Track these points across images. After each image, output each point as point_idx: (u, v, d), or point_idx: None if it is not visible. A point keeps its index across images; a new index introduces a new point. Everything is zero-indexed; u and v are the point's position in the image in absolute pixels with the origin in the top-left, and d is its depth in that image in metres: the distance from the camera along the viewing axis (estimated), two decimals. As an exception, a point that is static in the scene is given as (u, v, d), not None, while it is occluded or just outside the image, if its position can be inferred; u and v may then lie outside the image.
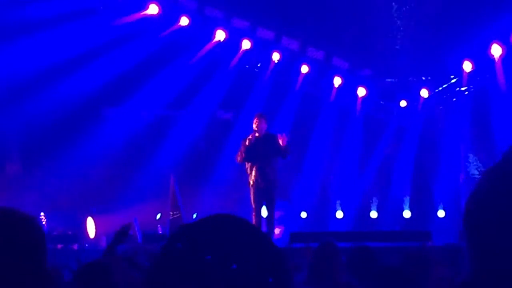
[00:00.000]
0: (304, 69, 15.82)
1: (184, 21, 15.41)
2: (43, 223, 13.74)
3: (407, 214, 15.87)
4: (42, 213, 13.84)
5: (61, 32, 14.83)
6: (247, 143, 11.78)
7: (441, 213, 15.61)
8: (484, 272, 1.65)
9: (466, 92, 15.50)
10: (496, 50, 14.85)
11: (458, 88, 15.63)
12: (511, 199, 1.64)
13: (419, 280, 5.05)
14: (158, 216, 14.67)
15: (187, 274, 1.72)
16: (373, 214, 16.11)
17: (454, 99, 15.76)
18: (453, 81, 15.62)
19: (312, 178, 16.06)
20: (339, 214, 16.11)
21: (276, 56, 15.72)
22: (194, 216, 14.65)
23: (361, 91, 15.99)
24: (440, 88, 15.81)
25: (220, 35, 15.51)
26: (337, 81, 15.89)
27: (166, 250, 1.80)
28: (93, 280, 4.76)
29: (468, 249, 1.69)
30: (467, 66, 15.19)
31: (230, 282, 1.71)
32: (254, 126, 11.90)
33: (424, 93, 15.82)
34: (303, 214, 16.01)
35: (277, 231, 13.23)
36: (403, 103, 16.08)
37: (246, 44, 15.62)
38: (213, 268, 1.71)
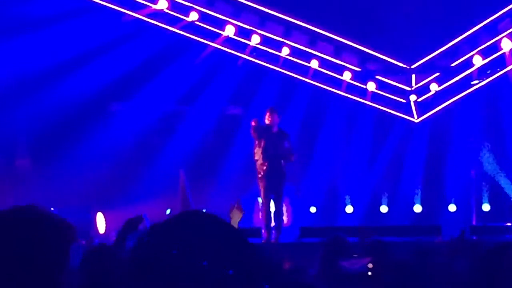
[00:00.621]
0: (314, 63, 15.76)
1: (193, 16, 15.37)
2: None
3: (417, 208, 15.79)
4: (51, 209, 13.85)
5: (70, 28, 14.82)
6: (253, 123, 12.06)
7: (452, 208, 15.55)
8: None
9: (479, 84, 15.40)
10: (506, 44, 14.80)
11: (469, 82, 15.55)
12: None
13: (429, 274, 5.02)
14: (168, 211, 14.66)
15: (156, 266, 1.87)
16: (383, 209, 16.05)
17: (465, 93, 15.66)
18: (463, 74, 15.53)
19: (322, 173, 16.01)
20: (349, 209, 16.07)
21: (285, 51, 15.66)
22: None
23: (371, 86, 15.94)
24: (451, 82, 15.72)
25: (229, 30, 15.47)
26: (347, 75, 15.84)
27: (137, 244, 1.95)
28: (99, 260, 4.79)
29: None
30: (478, 60, 15.13)
31: (193, 276, 1.84)
32: (267, 120, 12.04)
33: (435, 87, 15.76)
34: (313, 209, 15.97)
35: (285, 219, 13.23)
36: (413, 97, 16.01)
37: (255, 39, 15.58)
38: (179, 262, 1.85)
